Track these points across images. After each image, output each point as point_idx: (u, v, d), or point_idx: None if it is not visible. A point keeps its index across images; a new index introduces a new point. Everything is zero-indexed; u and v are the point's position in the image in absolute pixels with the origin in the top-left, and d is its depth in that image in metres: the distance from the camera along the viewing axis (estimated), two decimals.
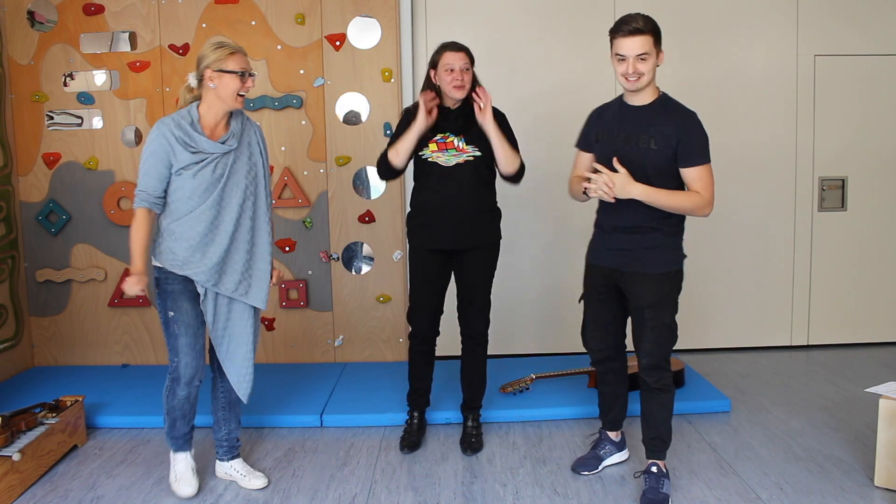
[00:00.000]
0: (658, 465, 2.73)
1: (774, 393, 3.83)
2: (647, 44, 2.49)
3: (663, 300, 2.63)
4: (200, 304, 2.69)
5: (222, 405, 2.88)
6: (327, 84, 4.23)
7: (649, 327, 2.64)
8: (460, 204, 3.01)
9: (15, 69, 4.21)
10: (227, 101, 2.61)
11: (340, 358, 4.41)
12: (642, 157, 2.56)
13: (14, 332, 4.20)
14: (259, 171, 2.77)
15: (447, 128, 3.01)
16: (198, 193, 2.59)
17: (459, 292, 3.18)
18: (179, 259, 2.62)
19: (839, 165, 4.54)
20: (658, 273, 2.62)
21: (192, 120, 2.60)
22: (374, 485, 2.90)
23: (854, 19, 4.44)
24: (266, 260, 2.79)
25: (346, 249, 4.33)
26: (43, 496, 2.84)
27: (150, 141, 2.58)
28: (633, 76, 2.52)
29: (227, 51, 2.58)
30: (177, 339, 2.68)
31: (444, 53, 2.96)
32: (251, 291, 2.75)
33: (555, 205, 4.48)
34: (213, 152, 2.61)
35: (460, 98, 2.97)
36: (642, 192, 2.51)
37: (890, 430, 2.70)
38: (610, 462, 2.99)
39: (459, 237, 3.04)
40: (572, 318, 4.54)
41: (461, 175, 3.00)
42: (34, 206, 4.29)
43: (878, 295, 4.64)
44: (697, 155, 2.53)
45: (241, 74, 2.59)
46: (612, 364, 2.90)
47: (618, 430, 3.02)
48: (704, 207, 2.55)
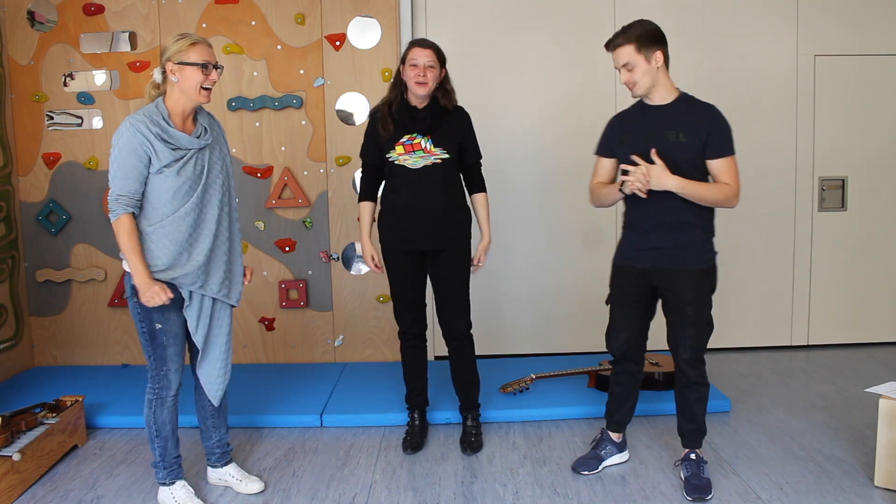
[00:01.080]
0: (696, 453, 2.82)
1: (774, 393, 3.83)
2: (627, 54, 2.60)
3: (704, 297, 2.69)
4: (184, 310, 2.59)
5: (211, 412, 2.81)
6: (327, 84, 4.23)
7: (691, 324, 2.69)
8: (430, 206, 3.00)
9: (15, 69, 4.21)
10: (191, 95, 2.49)
11: (340, 358, 4.41)
12: (672, 151, 2.60)
13: (14, 332, 4.20)
14: (229, 167, 2.72)
15: (414, 128, 2.99)
16: (181, 192, 2.48)
17: (436, 295, 3.17)
18: (163, 263, 2.50)
19: (839, 165, 4.54)
20: (698, 269, 2.67)
21: (163, 115, 2.48)
22: (374, 485, 2.90)
23: (854, 19, 4.44)
24: (240, 256, 2.77)
25: (346, 249, 4.33)
26: (43, 496, 2.83)
27: (124, 140, 2.41)
28: (629, 85, 2.66)
29: (188, 41, 2.47)
30: (165, 350, 2.57)
31: (412, 49, 2.97)
32: (232, 290, 2.71)
33: (553, 205, 4.48)
34: (191, 148, 2.51)
35: (422, 95, 2.95)
36: (677, 183, 2.56)
37: (890, 430, 2.69)
38: (610, 462, 3.00)
39: (431, 238, 3.04)
40: (572, 318, 4.56)
41: (429, 177, 2.99)
42: (34, 206, 4.29)
43: (878, 295, 4.64)
44: (725, 146, 2.61)
45: (204, 66, 2.47)
46: (630, 366, 2.91)
47: (621, 432, 3.03)
48: (733, 198, 2.62)
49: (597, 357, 4.21)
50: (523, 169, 4.41)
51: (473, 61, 4.29)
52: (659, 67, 2.61)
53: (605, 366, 3.86)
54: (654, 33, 2.61)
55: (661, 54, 2.60)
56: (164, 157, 2.45)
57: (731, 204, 2.63)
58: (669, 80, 2.67)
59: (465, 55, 4.15)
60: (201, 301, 2.61)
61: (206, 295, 2.62)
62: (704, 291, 2.69)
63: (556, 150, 4.46)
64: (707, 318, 2.71)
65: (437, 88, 3.00)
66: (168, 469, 2.70)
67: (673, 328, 2.75)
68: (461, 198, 3.13)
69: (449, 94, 3.04)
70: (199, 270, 2.56)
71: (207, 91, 2.53)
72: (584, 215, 4.50)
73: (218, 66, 2.54)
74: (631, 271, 2.80)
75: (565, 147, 4.45)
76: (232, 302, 2.72)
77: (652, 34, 2.60)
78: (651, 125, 2.67)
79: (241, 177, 4.25)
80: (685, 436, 2.84)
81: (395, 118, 2.99)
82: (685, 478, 2.78)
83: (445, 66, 3.03)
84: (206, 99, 2.53)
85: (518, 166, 4.41)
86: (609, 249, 4.50)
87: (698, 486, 2.72)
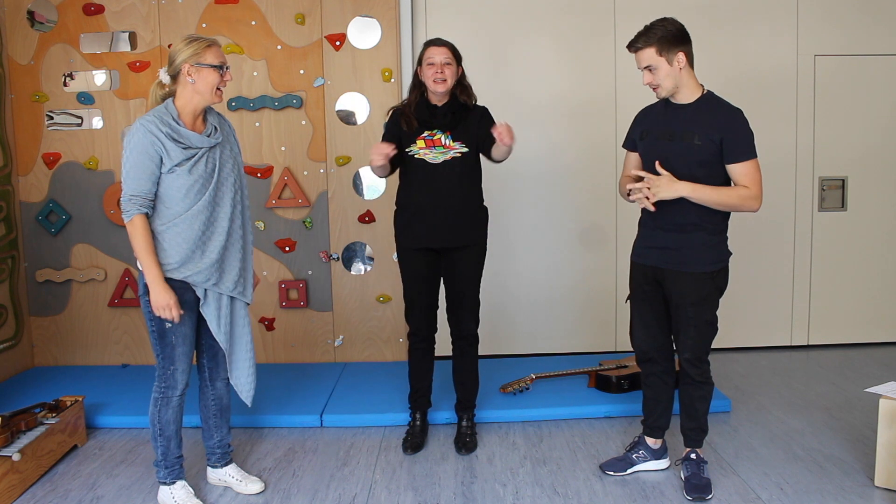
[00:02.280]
0: (697, 452, 2.81)
1: (774, 393, 3.83)
2: (648, 57, 2.57)
3: (706, 299, 2.67)
4: (200, 308, 2.61)
5: (213, 412, 2.81)
6: (327, 84, 4.23)
7: (692, 325, 2.68)
8: (449, 201, 3.01)
9: (15, 69, 4.21)
10: (206, 96, 2.55)
11: (340, 358, 4.41)
12: (686, 153, 2.59)
13: (14, 332, 4.20)
14: (241, 166, 2.75)
15: (434, 125, 3.02)
16: (194, 191, 2.52)
17: (448, 293, 3.18)
18: (176, 261, 2.53)
19: (839, 165, 4.54)
20: (701, 272, 2.65)
21: (173, 116, 2.52)
22: (374, 485, 2.90)
23: (854, 19, 4.44)
24: (252, 255, 2.80)
25: (346, 249, 4.33)
26: (43, 496, 2.83)
27: (135, 141, 2.45)
28: (652, 87, 2.63)
29: (204, 44, 2.52)
30: (174, 350, 2.58)
31: (427, 48, 3.01)
32: (247, 288, 2.74)
33: (553, 205, 4.48)
34: (202, 146, 2.54)
35: (441, 92, 2.98)
36: (688, 189, 2.55)
37: (890, 430, 2.69)
38: (643, 468, 2.93)
39: (448, 235, 3.04)
40: (572, 318, 4.57)
41: (449, 172, 3.01)
42: (34, 206, 4.29)
43: (878, 295, 4.64)
44: (742, 151, 2.55)
45: (220, 68, 2.54)
46: (656, 367, 2.87)
47: (657, 437, 2.95)
48: (753, 202, 2.56)
49: (597, 357, 4.22)
50: (522, 169, 4.41)
51: (474, 61, 4.26)
52: (682, 69, 2.57)
53: (604, 366, 3.86)
54: (676, 34, 2.56)
55: (683, 55, 2.56)
56: (176, 156, 2.48)
57: (750, 207, 2.56)
58: (694, 79, 2.62)
59: (465, 54, 4.11)
60: (219, 300, 2.63)
61: (223, 293, 2.64)
62: (707, 293, 2.67)
63: (557, 150, 4.46)
64: (709, 319, 2.69)
65: (456, 85, 3.03)
66: (169, 468, 2.70)
67: (676, 327, 2.74)
68: (478, 195, 3.13)
69: (467, 90, 3.08)
70: (213, 268, 2.58)
71: (220, 92, 2.59)
72: (585, 215, 4.51)
73: (228, 66, 2.61)
74: (641, 268, 2.79)
75: (565, 148, 4.45)
76: (247, 300, 2.75)
77: (674, 35, 2.55)
78: (670, 123, 2.65)
79: None
80: (686, 434, 2.84)
81: (416, 117, 3.02)
82: (685, 477, 2.78)
83: (462, 64, 3.05)
84: (220, 99, 2.59)
85: (516, 165, 4.39)
86: (610, 250, 4.54)
87: (698, 486, 2.72)
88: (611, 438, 3.28)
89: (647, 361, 2.88)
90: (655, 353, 2.84)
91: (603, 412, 3.52)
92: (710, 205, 2.57)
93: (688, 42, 2.59)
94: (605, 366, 3.86)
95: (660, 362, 2.86)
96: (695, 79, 2.63)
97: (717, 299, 2.71)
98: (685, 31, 2.59)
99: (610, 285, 4.51)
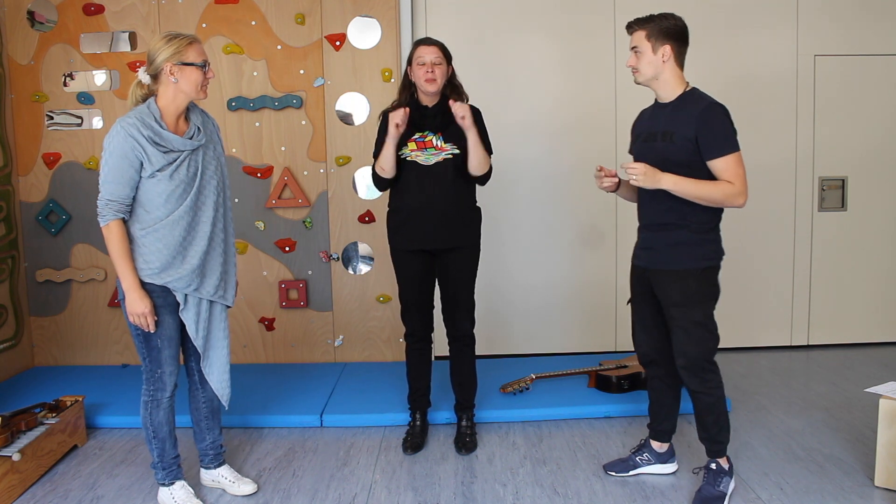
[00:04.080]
0: (717, 462, 2.68)
1: (774, 393, 3.83)
2: (637, 38, 2.58)
3: (690, 298, 2.57)
4: (180, 313, 2.56)
5: (205, 414, 2.79)
6: (327, 84, 4.23)
7: (679, 326, 2.59)
8: (441, 203, 3.00)
9: (15, 69, 4.21)
10: (191, 94, 2.49)
11: (340, 358, 4.41)
12: (665, 153, 2.56)
13: (14, 332, 4.20)
14: (224, 166, 2.69)
15: (425, 126, 3.01)
16: (175, 196, 2.46)
17: (444, 294, 3.17)
18: (156, 267, 2.47)
19: (839, 165, 4.54)
20: (682, 270, 2.57)
21: (155, 117, 2.45)
22: (374, 485, 2.90)
23: (854, 19, 4.44)
24: (234, 257, 2.75)
25: (346, 249, 4.33)
26: (43, 496, 2.83)
27: (115, 144, 2.38)
28: (631, 69, 2.63)
29: (185, 41, 2.46)
30: (160, 353, 2.55)
31: (417, 48, 3.00)
32: (227, 291, 2.70)
33: (552, 206, 4.48)
34: (184, 149, 2.48)
35: (432, 92, 2.97)
36: (671, 181, 2.49)
37: (890, 430, 2.69)
38: (646, 471, 2.90)
39: (441, 237, 3.04)
40: (572, 318, 4.57)
41: (441, 173, 3.00)
42: (34, 206, 4.29)
43: (877, 295, 4.64)
44: (719, 146, 2.48)
45: (203, 65, 2.49)
46: (658, 370, 2.82)
47: (662, 441, 2.91)
48: (737, 197, 2.48)
49: (597, 357, 4.22)
50: (522, 169, 4.41)
51: (473, 61, 4.28)
52: (665, 62, 2.54)
53: (605, 366, 3.86)
54: (672, 28, 2.53)
55: (670, 49, 2.53)
56: (157, 160, 2.42)
57: (734, 203, 2.49)
58: (678, 77, 2.59)
59: (465, 55, 4.14)
60: (198, 304, 2.59)
61: (203, 298, 2.60)
62: (692, 293, 2.56)
63: (555, 151, 4.46)
64: (698, 321, 2.57)
65: (446, 85, 3.02)
66: (167, 469, 2.69)
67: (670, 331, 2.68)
68: (471, 196, 3.13)
69: (458, 89, 3.06)
70: (194, 273, 2.54)
71: (205, 88, 2.54)
72: (584, 216, 4.51)
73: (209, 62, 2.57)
74: (637, 270, 2.78)
75: (563, 148, 4.45)
76: (228, 303, 2.71)
77: (669, 28, 2.53)
78: (653, 124, 2.64)
79: (241, 177, 4.25)
80: (702, 443, 2.73)
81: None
82: (699, 487, 2.69)
83: (452, 63, 3.04)
84: (205, 95, 2.55)
85: (517, 166, 4.41)
86: (609, 250, 4.54)
87: (705, 499, 2.62)
88: (611, 438, 3.28)
89: (649, 364, 2.85)
90: (657, 355, 2.79)
91: (603, 412, 3.52)
92: (693, 199, 2.51)
93: (681, 41, 2.57)
94: (605, 366, 3.86)
95: (662, 365, 2.80)
96: (680, 77, 2.59)
97: (707, 301, 2.59)
98: (684, 31, 2.58)
99: (610, 285, 4.51)
